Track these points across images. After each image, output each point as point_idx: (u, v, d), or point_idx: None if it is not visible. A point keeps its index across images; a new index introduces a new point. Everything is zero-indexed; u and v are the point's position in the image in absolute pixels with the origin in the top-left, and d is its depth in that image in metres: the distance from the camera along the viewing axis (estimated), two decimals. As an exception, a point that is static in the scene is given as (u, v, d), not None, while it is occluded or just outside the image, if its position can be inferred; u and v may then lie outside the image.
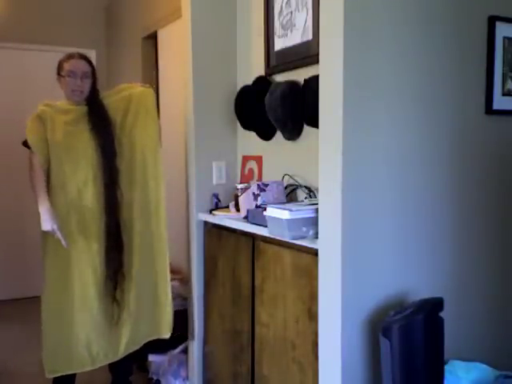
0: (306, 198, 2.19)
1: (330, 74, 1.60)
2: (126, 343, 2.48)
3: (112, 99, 2.49)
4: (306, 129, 2.23)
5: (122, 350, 2.48)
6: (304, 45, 2.23)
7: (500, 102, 1.85)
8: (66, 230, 2.33)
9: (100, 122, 2.39)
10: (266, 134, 2.49)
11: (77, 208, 2.35)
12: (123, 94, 2.50)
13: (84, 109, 2.41)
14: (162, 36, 3.93)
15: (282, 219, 1.79)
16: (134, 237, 2.46)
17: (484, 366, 1.65)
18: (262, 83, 2.46)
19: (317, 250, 1.73)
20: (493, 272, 1.91)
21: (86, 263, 2.37)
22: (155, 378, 2.91)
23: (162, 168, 2.51)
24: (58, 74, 2.43)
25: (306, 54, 2.21)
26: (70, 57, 2.41)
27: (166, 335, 2.57)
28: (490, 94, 1.83)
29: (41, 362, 2.38)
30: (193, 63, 2.62)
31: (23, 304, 4.41)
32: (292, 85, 2.20)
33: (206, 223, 2.64)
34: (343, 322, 1.61)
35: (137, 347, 2.54)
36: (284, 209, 1.79)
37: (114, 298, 2.41)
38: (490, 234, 1.89)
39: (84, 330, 2.38)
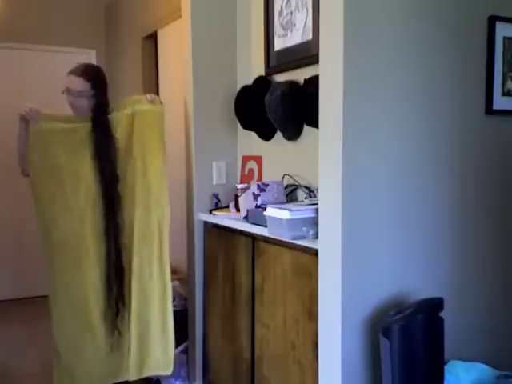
0: (306, 197, 2.19)
1: (330, 74, 1.61)
2: (126, 369, 2.39)
3: (117, 116, 2.36)
4: (306, 129, 2.23)
5: (122, 376, 2.42)
6: (304, 45, 2.23)
7: (500, 102, 1.85)
8: (71, 257, 2.30)
9: (103, 145, 2.30)
10: (266, 134, 2.49)
11: (79, 236, 2.30)
12: (127, 112, 2.36)
13: (88, 127, 2.31)
14: (162, 36, 3.93)
15: (281, 219, 1.79)
16: (134, 265, 2.35)
17: (484, 366, 1.65)
18: (262, 83, 2.46)
19: (317, 250, 1.73)
20: (493, 272, 1.91)
21: (90, 289, 2.33)
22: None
23: (167, 195, 2.37)
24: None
25: (306, 53, 2.21)
26: (71, 71, 2.35)
27: (167, 372, 2.42)
28: (490, 94, 1.83)
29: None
30: (193, 63, 2.62)
31: (23, 304, 4.41)
32: (292, 85, 2.20)
33: (205, 223, 2.64)
34: (343, 322, 1.61)
35: (136, 377, 2.41)
36: (284, 209, 1.79)
37: (115, 326, 2.35)
38: (490, 234, 1.89)
39: (90, 356, 2.35)
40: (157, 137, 2.36)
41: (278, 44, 2.40)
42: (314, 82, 1.99)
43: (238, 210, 2.36)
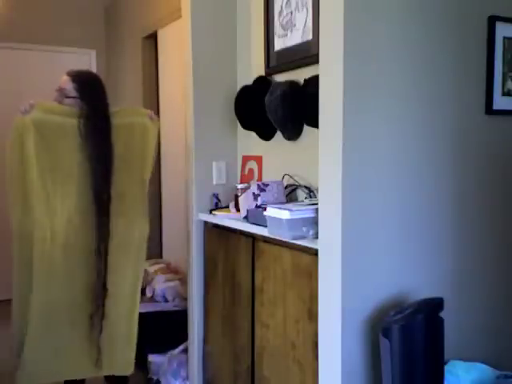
0: (306, 197, 2.19)
1: (330, 74, 1.60)
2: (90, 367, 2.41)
3: (115, 122, 2.34)
4: (306, 129, 2.23)
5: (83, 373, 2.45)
6: (304, 45, 2.23)
7: (500, 102, 1.85)
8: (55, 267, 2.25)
9: (101, 149, 2.27)
10: (266, 134, 2.49)
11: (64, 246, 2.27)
12: (127, 121, 2.37)
13: (86, 125, 2.26)
14: (162, 36, 3.93)
15: (281, 219, 1.79)
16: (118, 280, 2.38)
17: (484, 366, 1.65)
18: (262, 83, 2.46)
19: (317, 250, 1.73)
20: (493, 272, 1.91)
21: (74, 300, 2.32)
22: (155, 378, 2.91)
23: (146, 210, 2.44)
24: None
25: (306, 53, 2.21)
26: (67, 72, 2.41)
27: (127, 373, 2.51)
28: (490, 94, 1.83)
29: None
30: (193, 63, 2.62)
31: (23, 304, 4.40)
32: (292, 85, 2.20)
33: (206, 223, 2.64)
34: (343, 322, 1.61)
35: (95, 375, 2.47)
36: (284, 209, 1.79)
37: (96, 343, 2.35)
38: (490, 234, 1.89)
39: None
40: (151, 152, 2.42)
41: (278, 44, 2.40)
42: (314, 82, 1.99)
43: (238, 209, 2.36)
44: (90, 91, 2.34)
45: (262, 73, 2.51)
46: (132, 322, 2.43)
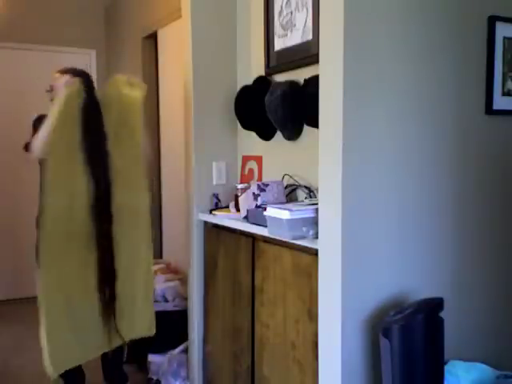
0: (306, 197, 2.19)
1: (330, 74, 1.61)
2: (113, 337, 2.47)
3: (105, 95, 2.44)
4: (306, 129, 2.23)
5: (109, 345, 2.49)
6: (304, 45, 2.23)
7: (500, 102, 1.85)
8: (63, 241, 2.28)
9: (94, 130, 2.34)
10: (266, 134, 2.49)
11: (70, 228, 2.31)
12: (115, 93, 2.44)
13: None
14: (162, 36, 3.93)
15: (281, 219, 1.79)
16: (123, 248, 2.44)
17: (484, 366, 1.65)
18: (262, 83, 2.46)
19: (317, 250, 1.73)
20: (493, 272, 1.91)
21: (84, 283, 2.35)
22: (155, 378, 2.91)
23: (146, 182, 2.52)
24: None
25: (306, 54, 2.21)
26: (57, 71, 2.51)
27: (150, 333, 2.58)
28: (490, 94, 1.83)
29: (41, 360, 2.36)
30: (193, 63, 2.62)
31: (23, 304, 4.41)
32: (292, 85, 2.20)
33: (206, 223, 2.64)
34: (343, 322, 1.61)
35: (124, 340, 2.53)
36: (284, 209, 1.79)
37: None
38: (490, 234, 1.89)
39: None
40: (140, 123, 2.47)
41: (278, 44, 2.40)
42: (314, 81, 1.99)
43: (238, 209, 2.36)
44: (88, 85, 2.44)
45: (262, 73, 2.51)
46: (148, 291, 2.54)
